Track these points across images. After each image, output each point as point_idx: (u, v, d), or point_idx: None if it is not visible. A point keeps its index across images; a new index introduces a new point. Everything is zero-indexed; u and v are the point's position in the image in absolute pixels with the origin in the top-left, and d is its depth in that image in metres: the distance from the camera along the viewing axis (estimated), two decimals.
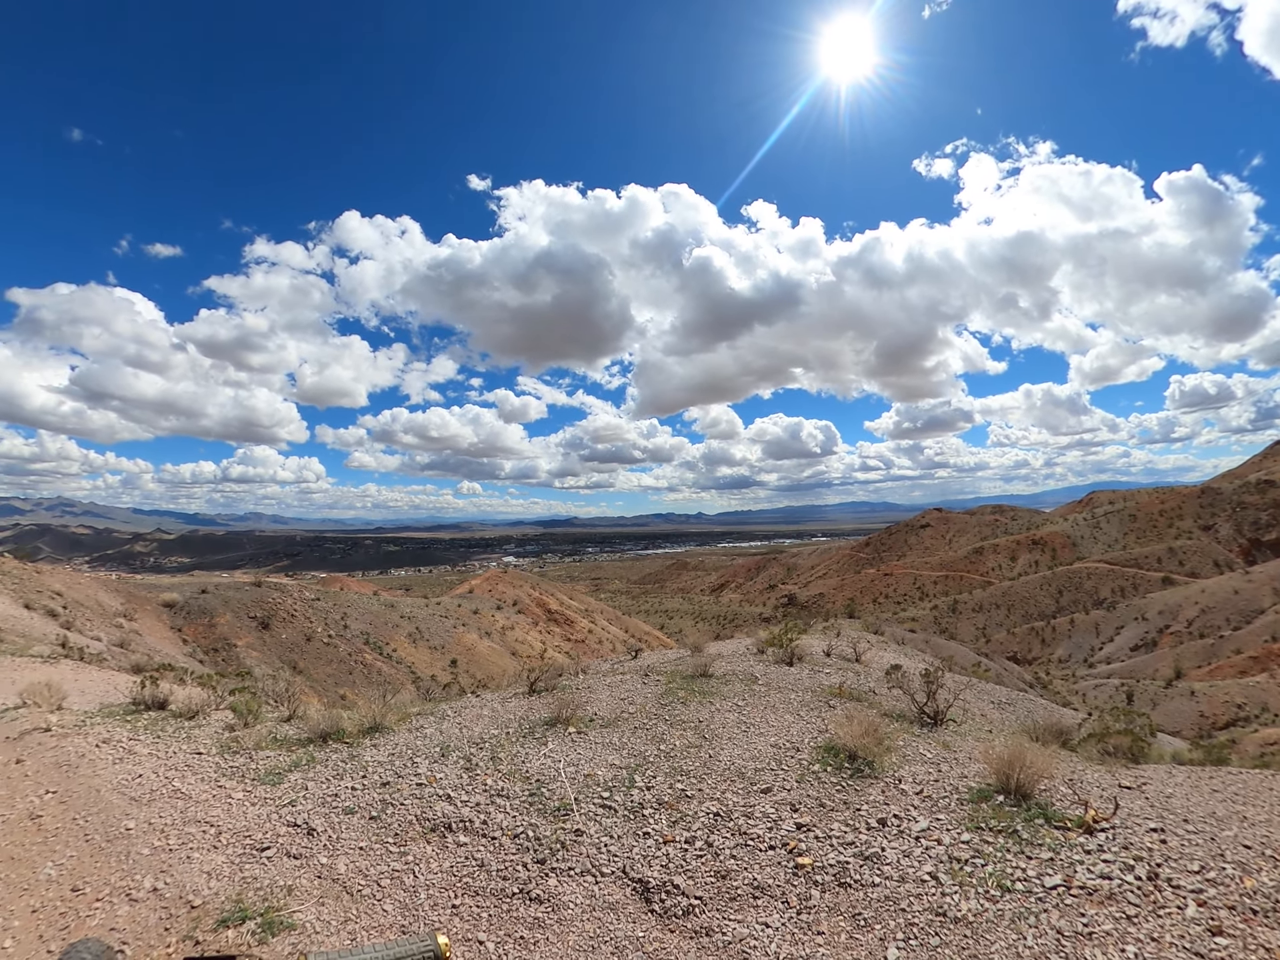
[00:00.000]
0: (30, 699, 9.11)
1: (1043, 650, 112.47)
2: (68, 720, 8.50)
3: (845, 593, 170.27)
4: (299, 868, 4.90)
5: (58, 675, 11.46)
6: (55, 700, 9.14)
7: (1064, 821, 4.77)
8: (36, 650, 14.96)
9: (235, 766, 6.90)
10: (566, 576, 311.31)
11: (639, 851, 4.77)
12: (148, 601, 41.09)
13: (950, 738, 7.30)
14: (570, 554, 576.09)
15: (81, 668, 14.02)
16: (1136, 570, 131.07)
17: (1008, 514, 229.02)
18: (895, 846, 4.58)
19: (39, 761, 7.14)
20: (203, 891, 4.61)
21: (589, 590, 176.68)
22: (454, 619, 61.19)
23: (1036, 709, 16.67)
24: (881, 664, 14.10)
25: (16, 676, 11.43)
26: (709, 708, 8.25)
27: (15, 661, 12.88)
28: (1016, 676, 43.91)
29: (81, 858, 5.19)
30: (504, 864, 4.77)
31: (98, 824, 5.69)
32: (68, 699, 9.60)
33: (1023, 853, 4.38)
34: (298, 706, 9.34)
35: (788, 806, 5.29)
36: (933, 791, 5.47)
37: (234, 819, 5.69)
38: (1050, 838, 4.55)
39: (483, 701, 9.45)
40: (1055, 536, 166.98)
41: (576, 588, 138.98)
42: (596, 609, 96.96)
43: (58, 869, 5.06)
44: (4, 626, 18.83)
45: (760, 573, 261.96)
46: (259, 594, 48.11)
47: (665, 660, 13.00)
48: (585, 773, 6.17)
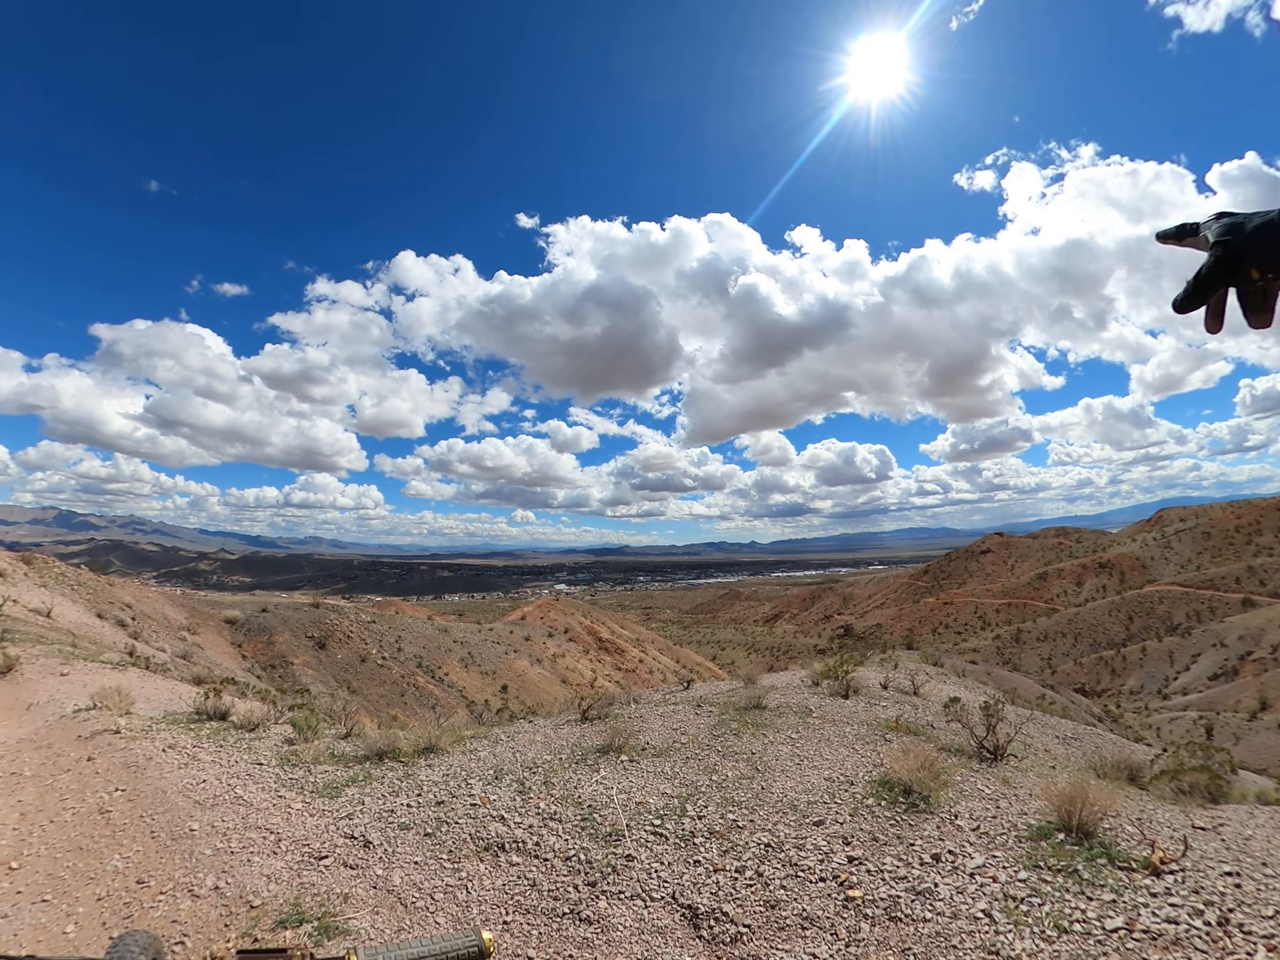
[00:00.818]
0: (101, 702, 9.64)
1: (1113, 681, 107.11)
2: (135, 724, 8.92)
3: (903, 623, 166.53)
4: (355, 877, 5.02)
5: (126, 682, 11.99)
6: (124, 705, 9.63)
7: (1129, 862, 4.60)
8: (107, 657, 15.69)
9: (294, 778, 7.12)
10: (618, 605, 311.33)
11: (689, 878, 4.77)
12: (210, 617, 42.53)
13: (1010, 773, 7.10)
14: (621, 582, 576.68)
15: (147, 676, 14.63)
16: (1213, 592, 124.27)
17: (1072, 536, 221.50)
18: (949, 882, 4.49)
19: (109, 761, 7.51)
20: (262, 893, 4.76)
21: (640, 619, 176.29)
22: (506, 645, 61.58)
23: (1105, 744, 16.03)
24: (940, 697, 13.78)
25: (88, 680, 12.02)
26: (762, 740, 8.18)
27: (87, 666, 13.49)
28: (1084, 709, 42.28)
29: (147, 853, 5.42)
30: (555, 884, 4.81)
31: (163, 823, 5.94)
32: (135, 704, 10.09)
33: (1083, 893, 4.24)
34: (354, 725, 9.58)
35: (840, 839, 5.23)
36: (990, 828, 5.35)
37: (293, 828, 5.86)
38: (1113, 878, 4.39)
39: (535, 727, 9.53)
40: (1124, 558, 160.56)
41: (627, 617, 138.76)
42: (647, 638, 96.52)
43: (124, 861, 5.30)
44: (78, 633, 19.75)
45: (815, 603, 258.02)
46: (317, 615, 49.24)
47: (718, 691, 12.92)
48: (637, 800, 6.20)
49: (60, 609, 22.32)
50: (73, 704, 10.10)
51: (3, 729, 9.09)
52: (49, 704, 10.18)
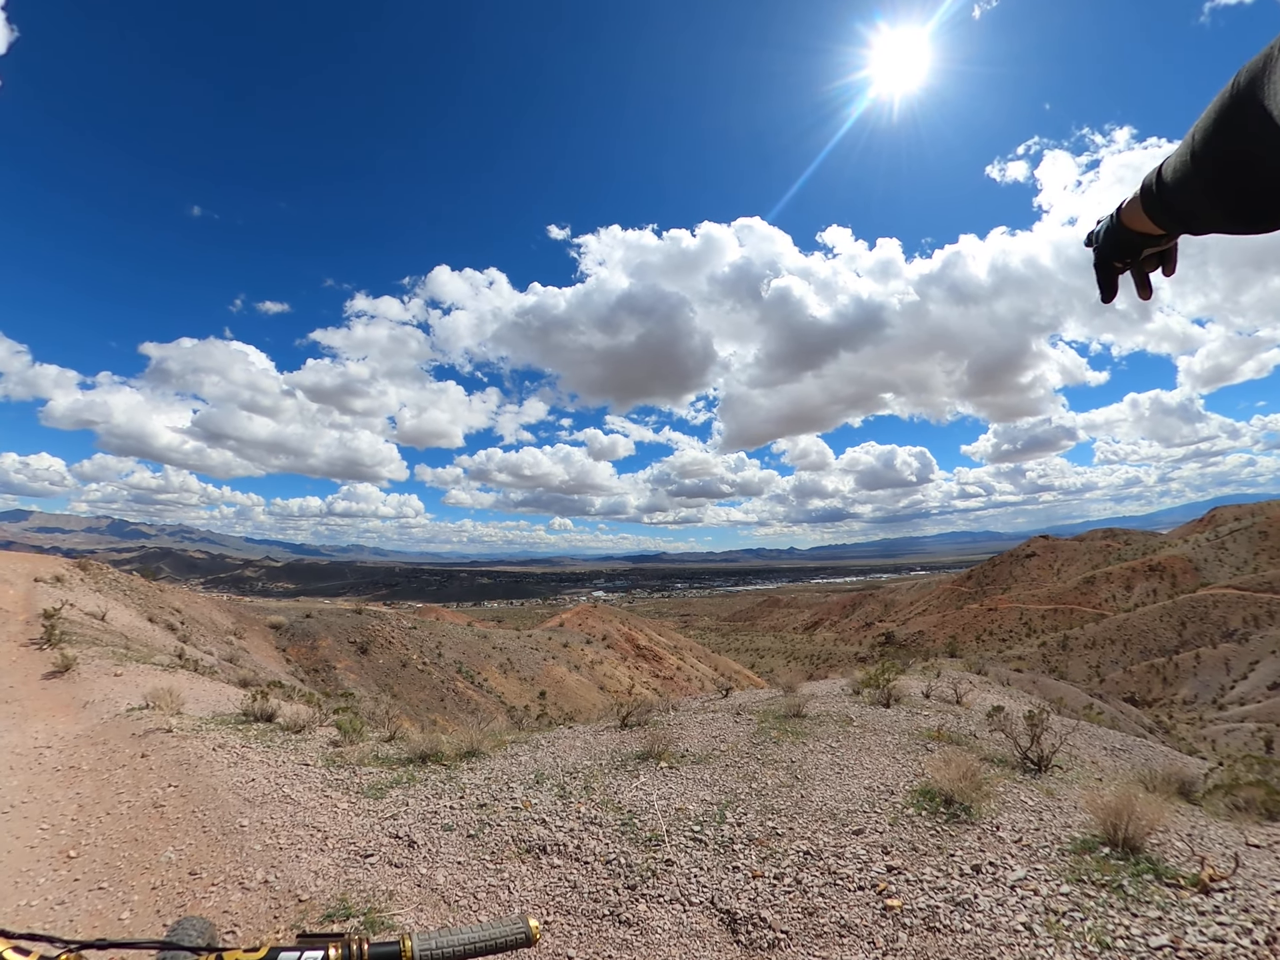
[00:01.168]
0: (153, 702, 10.07)
1: (1164, 690, 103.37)
2: (186, 724, 9.26)
3: (946, 630, 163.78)
4: (400, 875, 5.15)
5: (176, 683, 12.54)
6: (175, 705, 10.02)
7: (1176, 878, 4.50)
8: (158, 659, 16.33)
9: (340, 779, 7.32)
10: (655, 612, 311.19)
11: (728, 884, 4.80)
12: (256, 622, 43.70)
13: (1054, 785, 7.00)
14: (659, 589, 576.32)
15: (196, 678, 15.14)
16: (1271, 595, 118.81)
17: (1120, 538, 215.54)
18: (989, 894, 4.46)
19: (161, 758, 7.81)
20: (310, 888, 4.91)
21: (677, 627, 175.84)
22: (544, 651, 62.00)
23: (1155, 756, 15.61)
24: (984, 706, 13.59)
25: (140, 681, 12.55)
26: (802, 748, 8.18)
27: (139, 667, 14.05)
28: (1134, 720, 41.19)
29: (199, 846, 5.63)
30: (595, 887, 4.89)
31: (214, 818, 6.15)
32: (185, 705, 10.49)
33: (1127, 909, 4.17)
34: (397, 728, 9.78)
35: (879, 849, 5.23)
36: (1032, 840, 5.29)
37: (339, 826, 6.03)
38: (1160, 895, 4.30)
39: (575, 733, 9.63)
40: (1175, 561, 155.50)
41: (665, 624, 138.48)
42: (685, 646, 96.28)
43: (177, 853, 5.51)
44: (130, 636, 20.48)
45: (855, 610, 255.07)
46: (359, 620, 50.23)
47: (757, 699, 12.91)
48: (676, 806, 6.26)
49: (114, 613, 23.11)
50: (126, 703, 10.54)
51: (62, 724, 9.53)
52: (104, 702, 10.63)
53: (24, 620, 17.21)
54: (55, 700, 10.90)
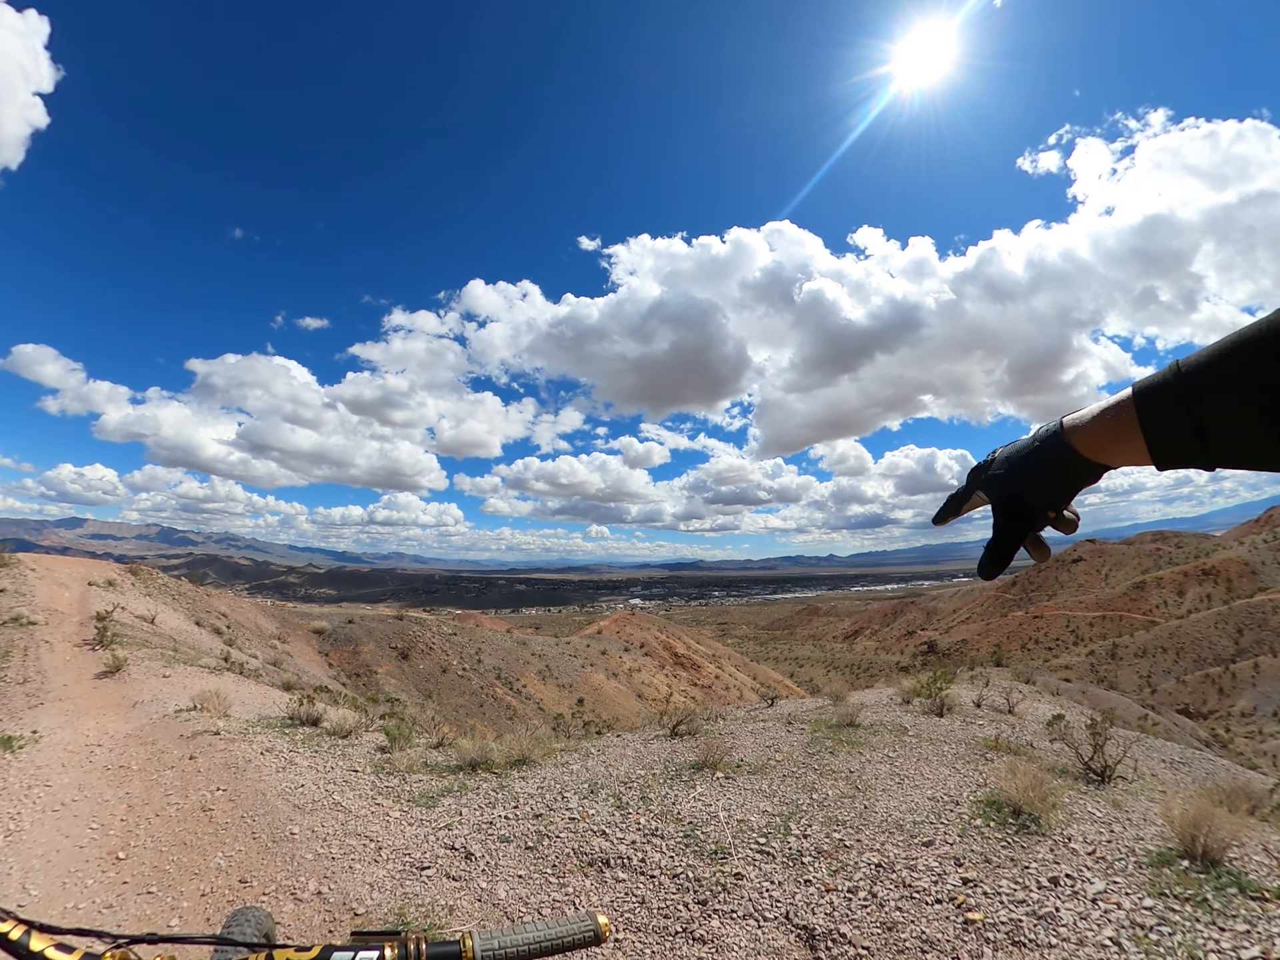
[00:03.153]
0: (201, 704, 10.30)
1: (1220, 701, 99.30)
2: (234, 727, 9.38)
3: (990, 638, 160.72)
4: (459, 889, 5.08)
5: (222, 685, 12.77)
6: (222, 708, 10.22)
7: (1261, 891, 4.38)
8: (204, 662, 16.68)
9: (390, 787, 7.30)
10: (692, 620, 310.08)
11: (801, 898, 4.71)
12: (299, 627, 44.45)
13: (1120, 796, 6.81)
14: (696, 597, 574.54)
15: (241, 681, 15.39)
16: None
17: (1171, 541, 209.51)
18: (1070, 908, 4.34)
19: (210, 760, 7.90)
20: (365, 901, 4.86)
21: (715, 635, 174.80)
22: (582, 659, 62.04)
23: (1217, 770, 15.13)
24: (1036, 715, 13.31)
25: (188, 683, 12.84)
26: (859, 758, 8.05)
27: (187, 670, 14.37)
28: (1189, 732, 40.00)
29: (249, 853, 5.64)
30: (664, 902, 4.80)
31: (264, 824, 6.17)
32: (231, 707, 10.64)
33: (1214, 923, 4.04)
34: (445, 735, 9.80)
35: (951, 860, 5.11)
36: (1106, 852, 5.15)
37: (393, 836, 5.99)
38: (1246, 908, 4.18)
39: (624, 742, 9.56)
40: (1230, 564, 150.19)
41: (703, 632, 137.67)
42: (723, 654, 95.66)
43: (227, 860, 5.53)
44: (178, 639, 20.99)
45: (897, 618, 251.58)
46: (400, 626, 50.78)
47: (806, 709, 12.76)
48: (739, 818, 6.18)
49: (162, 616, 23.64)
50: (174, 704, 10.76)
51: (112, 724, 9.76)
52: (153, 703, 10.86)
53: (78, 622, 17.71)
54: (106, 699, 11.18)
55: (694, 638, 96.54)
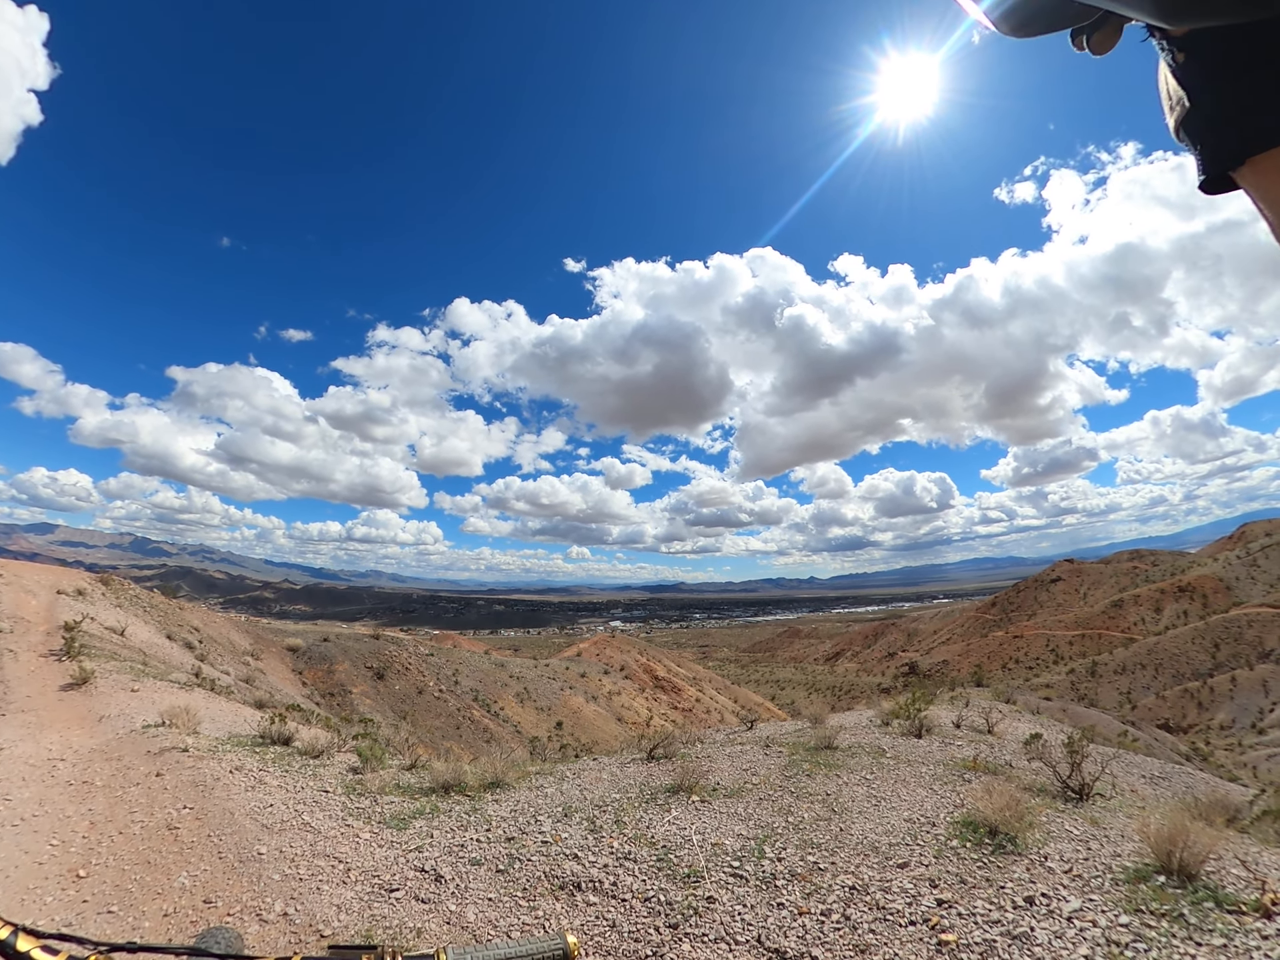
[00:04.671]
0: (170, 720, 10.07)
1: (1200, 715, 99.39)
2: (203, 744, 9.17)
3: (971, 658, 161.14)
4: (428, 912, 4.97)
5: (192, 701, 12.51)
6: (191, 724, 10.01)
7: (1237, 905, 4.34)
8: (175, 677, 16.36)
9: (361, 808, 7.16)
10: (673, 643, 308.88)
11: (774, 921, 4.63)
12: (273, 644, 43.82)
13: (1098, 814, 6.80)
14: (677, 620, 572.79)
15: (212, 697, 15.11)
16: None
17: (1147, 559, 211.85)
18: (1045, 927, 4.29)
19: (177, 778, 7.70)
20: (332, 923, 4.74)
21: (696, 658, 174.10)
22: (561, 681, 61.52)
23: (1196, 783, 15.21)
24: (1016, 735, 13.32)
25: (157, 698, 12.55)
26: (836, 780, 8.00)
27: (156, 684, 14.06)
28: (1169, 747, 40.16)
29: (214, 872, 5.48)
30: (636, 926, 4.71)
31: (231, 844, 6.01)
32: (201, 724, 10.41)
33: (1190, 938, 4.00)
34: (418, 757, 9.64)
35: (926, 882, 5.05)
36: (1083, 870, 5.11)
37: (362, 858, 5.85)
38: (1222, 922, 4.14)
39: (601, 765, 9.46)
40: (1205, 580, 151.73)
41: (684, 655, 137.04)
42: (704, 677, 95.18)
43: (191, 879, 5.35)
44: (149, 652, 20.60)
45: (878, 639, 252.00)
46: (376, 646, 50.15)
47: (784, 731, 12.69)
48: (713, 841, 6.09)
49: (133, 628, 23.16)
50: (142, 719, 10.50)
51: (76, 738, 9.50)
52: (120, 718, 10.60)
53: (44, 631, 17.35)
54: (71, 712, 10.89)
55: (675, 660, 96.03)
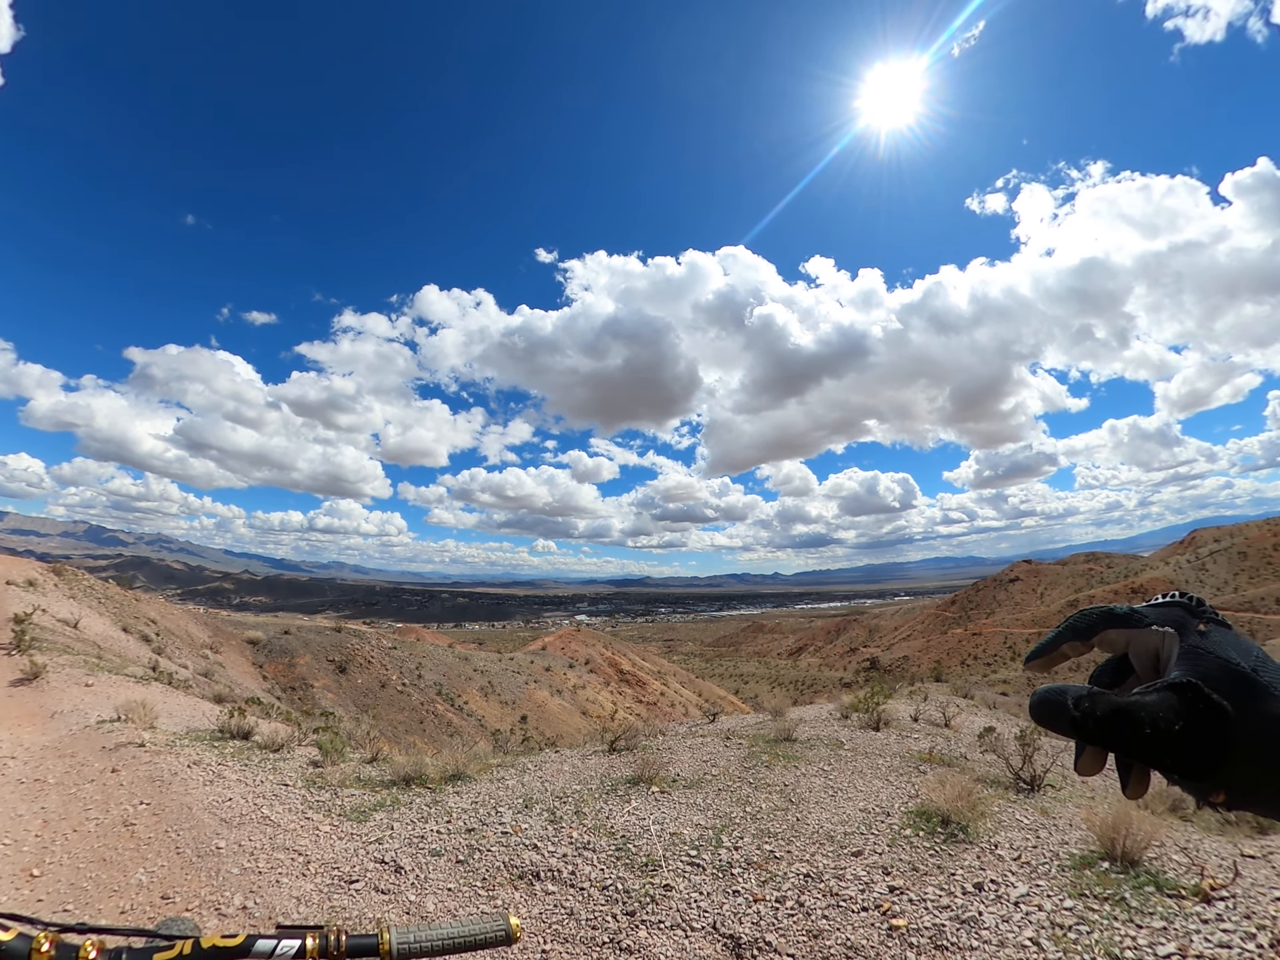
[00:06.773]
0: (126, 714, 9.80)
1: None
2: (160, 739, 8.99)
3: (931, 655, 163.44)
4: (387, 902, 4.97)
5: (149, 696, 12.07)
6: (148, 719, 9.76)
7: (1178, 889, 4.51)
8: (131, 670, 15.83)
9: (321, 801, 7.11)
10: (639, 637, 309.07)
11: (729, 908, 4.70)
12: (233, 637, 42.97)
13: (1048, 803, 6.98)
14: (643, 614, 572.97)
15: (170, 691, 14.73)
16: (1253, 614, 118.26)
17: (1103, 561, 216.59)
18: (993, 911, 4.41)
19: (133, 774, 7.54)
20: (291, 915, 4.71)
21: (661, 652, 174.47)
22: (526, 675, 61.31)
23: None
24: (972, 729, 13.57)
25: (112, 692, 12.11)
26: (794, 772, 8.10)
27: (112, 679, 13.60)
28: None
29: (172, 868, 5.39)
30: (593, 914, 4.75)
31: (189, 839, 5.92)
32: (159, 719, 10.18)
33: (1132, 921, 4.15)
34: (379, 750, 9.58)
35: (879, 869, 5.16)
36: (1031, 857, 5.26)
37: (321, 850, 5.82)
38: (1163, 906, 4.30)
39: (562, 757, 9.48)
40: (1157, 583, 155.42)
41: (649, 649, 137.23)
42: (669, 671, 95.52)
43: (149, 875, 5.27)
44: (103, 646, 19.90)
45: (840, 635, 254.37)
46: (338, 639, 49.45)
47: (745, 724, 12.80)
48: (671, 831, 6.14)
49: (87, 621, 22.49)
50: (97, 715, 10.20)
51: (28, 734, 9.18)
52: (73, 713, 10.28)
53: None
54: (22, 709, 10.52)
55: (640, 654, 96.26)
